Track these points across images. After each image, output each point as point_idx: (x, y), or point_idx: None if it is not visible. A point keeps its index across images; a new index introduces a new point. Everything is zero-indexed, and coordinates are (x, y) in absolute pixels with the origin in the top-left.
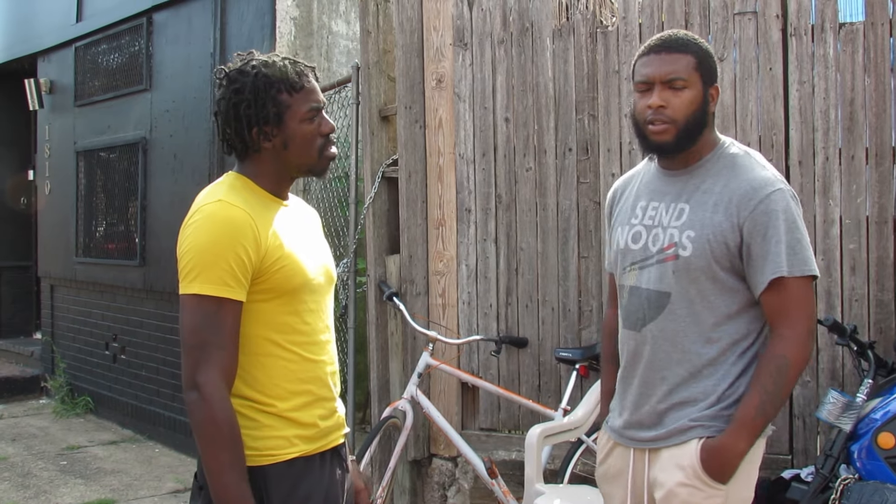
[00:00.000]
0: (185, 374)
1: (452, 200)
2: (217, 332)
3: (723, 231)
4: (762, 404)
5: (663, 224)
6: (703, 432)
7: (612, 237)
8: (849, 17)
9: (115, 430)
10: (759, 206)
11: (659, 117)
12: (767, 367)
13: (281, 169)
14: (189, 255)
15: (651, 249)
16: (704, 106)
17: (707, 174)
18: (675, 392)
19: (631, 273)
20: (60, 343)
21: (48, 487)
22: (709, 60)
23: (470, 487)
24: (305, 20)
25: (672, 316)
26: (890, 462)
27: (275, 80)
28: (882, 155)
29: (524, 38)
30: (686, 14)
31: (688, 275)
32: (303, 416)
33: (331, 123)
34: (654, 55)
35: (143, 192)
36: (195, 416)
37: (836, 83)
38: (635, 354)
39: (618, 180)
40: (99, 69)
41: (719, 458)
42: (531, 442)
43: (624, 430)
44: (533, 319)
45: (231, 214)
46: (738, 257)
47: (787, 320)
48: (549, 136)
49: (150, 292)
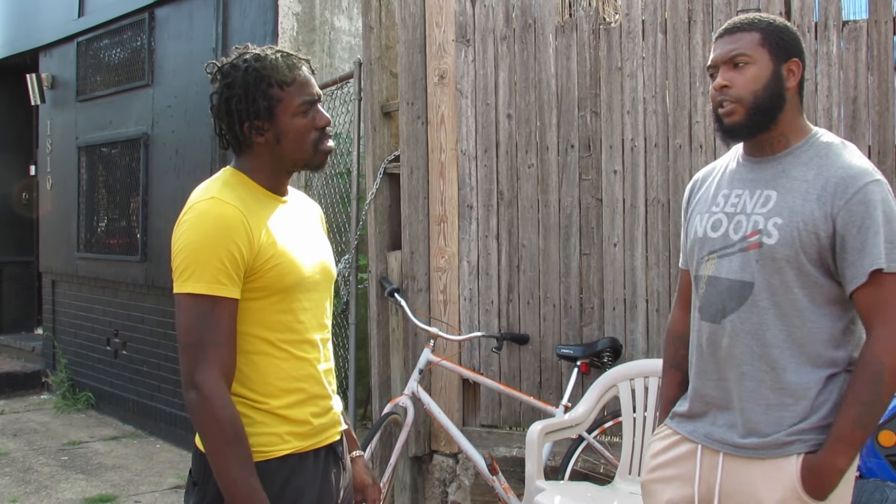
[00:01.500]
0: (184, 373)
1: (454, 197)
2: (213, 330)
3: (814, 220)
4: (859, 416)
5: (747, 211)
6: (802, 448)
7: (689, 228)
8: (852, 15)
9: (117, 425)
10: (856, 196)
11: (725, 97)
12: (862, 375)
13: (276, 164)
14: (183, 254)
15: (732, 237)
16: (777, 82)
17: (798, 161)
18: (760, 392)
19: (710, 263)
20: (62, 339)
21: (49, 483)
22: (779, 35)
23: (471, 484)
24: (308, 16)
25: (754, 308)
26: (891, 460)
27: (265, 74)
28: (885, 153)
29: (527, 35)
30: (689, 11)
31: (772, 264)
32: (295, 414)
33: (326, 116)
34: (719, 40)
35: (145, 187)
36: (196, 416)
37: (839, 81)
38: (713, 347)
39: (699, 172)
40: (101, 64)
41: (820, 477)
42: (532, 439)
43: (699, 426)
44: (534, 316)
45: (223, 212)
46: (828, 249)
47: (882, 319)
48: (552, 132)
49: (152, 288)
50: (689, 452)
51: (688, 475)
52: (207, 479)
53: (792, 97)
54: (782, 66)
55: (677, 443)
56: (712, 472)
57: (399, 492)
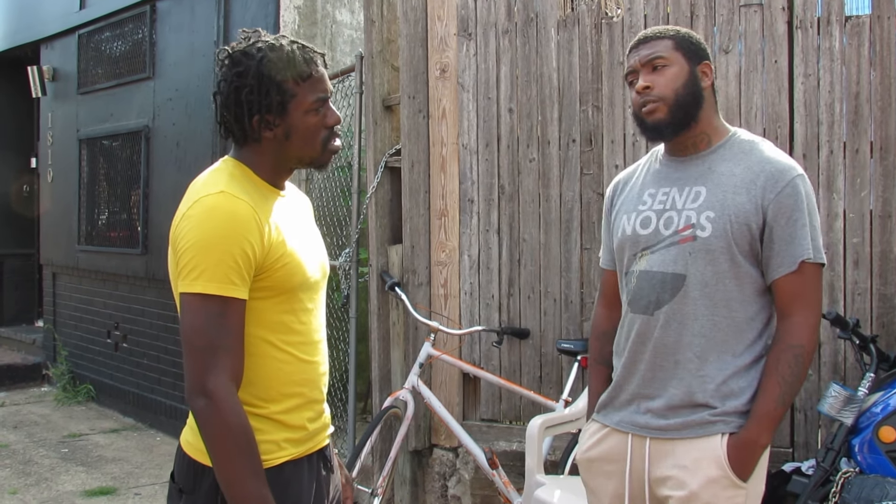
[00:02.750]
0: (193, 378)
1: (455, 191)
2: (225, 334)
3: (745, 212)
4: (782, 395)
5: (677, 207)
6: (725, 428)
7: (615, 227)
8: (855, 10)
9: (117, 418)
10: (785, 189)
11: (647, 98)
12: (785, 356)
13: (281, 160)
14: (192, 252)
15: (663, 233)
16: (694, 80)
17: (722, 158)
18: (686, 379)
19: (642, 259)
20: (62, 331)
21: (49, 475)
22: (689, 40)
23: (471, 478)
24: (309, 9)
25: (686, 298)
26: (891, 456)
27: (281, 67)
28: (887, 149)
29: (529, 29)
30: (692, 5)
31: (706, 255)
32: (293, 419)
33: (337, 115)
34: (633, 51)
35: (146, 180)
36: (207, 425)
37: (841, 76)
38: (644, 337)
39: (618, 175)
40: (102, 57)
41: (744, 454)
42: (532, 433)
43: (624, 415)
44: (535, 310)
45: (235, 208)
46: (757, 240)
47: (802, 306)
48: (553, 126)
49: (153, 280)
50: (620, 442)
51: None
52: (197, 488)
53: (709, 96)
54: (696, 68)
55: (606, 435)
56: (641, 457)
57: (399, 485)
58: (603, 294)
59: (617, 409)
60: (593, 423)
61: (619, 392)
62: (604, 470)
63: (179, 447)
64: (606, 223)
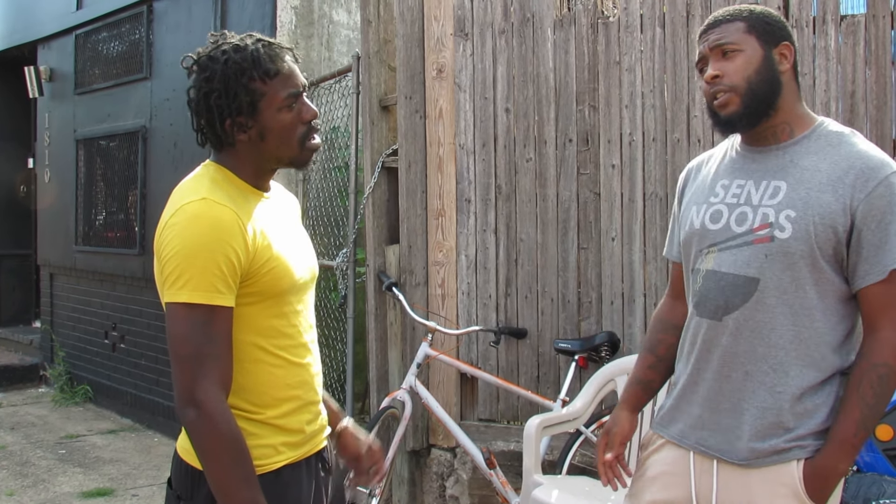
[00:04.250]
0: (181, 388)
1: (452, 191)
2: (212, 342)
3: (832, 212)
4: (863, 419)
5: (752, 203)
6: (802, 454)
7: (683, 219)
8: (850, 10)
9: (114, 419)
10: (877, 189)
11: (718, 88)
12: (868, 377)
13: (260, 161)
14: (175, 260)
15: (734, 230)
16: (769, 65)
17: (807, 151)
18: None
19: (709, 256)
20: (60, 332)
21: (46, 476)
22: (763, 20)
23: (468, 478)
24: (306, 9)
25: (761, 305)
26: (888, 454)
27: (246, 67)
28: (882, 147)
29: (525, 29)
30: (688, 5)
31: (784, 259)
32: (290, 423)
33: (313, 109)
34: (703, 35)
35: (143, 180)
36: (198, 435)
37: (836, 75)
38: (711, 345)
39: (692, 161)
40: (99, 57)
41: (822, 480)
42: (530, 433)
43: (690, 432)
44: (532, 310)
45: (218, 215)
46: (843, 244)
47: (890, 320)
48: (550, 126)
49: (150, 281)
50: (679, 457)
51: (675, 479)
52: (195, 494)
53: (788, 81)
54: (773, 51)
55: (662, 446)
56: (706, 479)
57: (397, 486)
58: (671, 285)
59: (677, 420)
60: (652, 433)
61: (680, 402)
62: (660, 483)
63: (176, 453)
64: (675, 213)
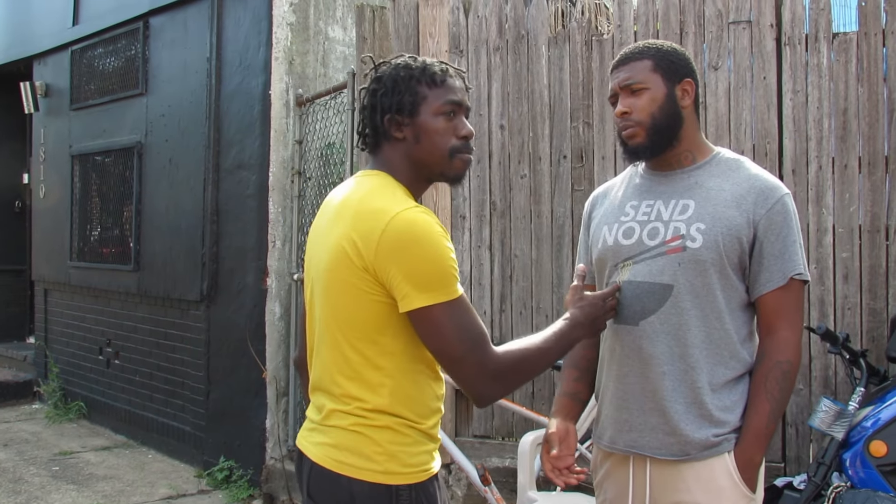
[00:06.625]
0: (475, 376)
1: (447, 207)
2: (477, 323)
3: (737, 226)
4: (772, 412)
5: (663, 219)
6: (730, 446)
7: (594, 240)
8: (842, 27)
9: (108, 435)
10: (776, 206)
11: (626, 123)
12: (773, 373)
13: (413, 168)
14: (432, 266)
15: (647, 243)
16: (672, 102)
17: (710, 174)
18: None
19: (624, 269)
20: (54, 347)
21: (40, 493)
22: (668, 59)
23: (463, 494)
24: (302, 25)
25: (675, 308)
26: (881, 470)
27: (415, 71)
28: (875, 164)
29: (520, 46)
30: (681, 23)
31: (696, 266)
32: (436, 433)
33: (469, 128)
34: (615, 71)
35: (138, 196)
36: (513, 382)
37: (829, 92)
38: (629, 349)
39: (597, 188)
40: (95, 73)
41: (746, 472)
42: (524, 449)
43: (619, 436)
44: (527, 326)
45: (431, 221)
46: (747, 254)
47: (788, 322)
48: (544, 143)
49: (145, 297)
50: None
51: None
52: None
53: (689, 115)
54: (675, 87)
55: (605, 459)
56: (641, 480)
57: None
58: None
59: (608, 427)
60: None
61: (610, 409)
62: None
63: (326, 471)
64: (584, 238)
